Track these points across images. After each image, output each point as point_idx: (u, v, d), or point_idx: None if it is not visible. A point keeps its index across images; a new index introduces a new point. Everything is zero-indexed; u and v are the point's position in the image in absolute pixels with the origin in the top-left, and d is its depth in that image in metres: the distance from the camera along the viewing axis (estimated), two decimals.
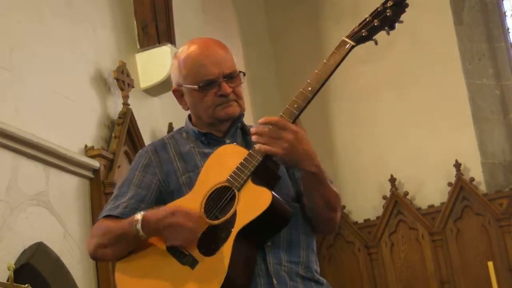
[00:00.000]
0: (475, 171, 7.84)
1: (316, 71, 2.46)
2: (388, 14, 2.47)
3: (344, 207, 8.11)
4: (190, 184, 2.52)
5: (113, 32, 6.49)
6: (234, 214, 2.39)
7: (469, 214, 7.72)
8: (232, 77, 2.59)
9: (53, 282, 5.28)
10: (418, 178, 7.95)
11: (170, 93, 7.49)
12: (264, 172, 2.43)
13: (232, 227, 2.37)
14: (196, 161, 2.57)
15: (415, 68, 8.03)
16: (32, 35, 5.52)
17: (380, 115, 8.20)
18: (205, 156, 2.56)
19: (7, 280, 4.49)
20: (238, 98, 2.61)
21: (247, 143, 2.59)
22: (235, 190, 2.41)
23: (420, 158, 7.93)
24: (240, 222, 2.37)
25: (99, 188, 5.65)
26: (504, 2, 8.60)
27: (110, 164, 5.83)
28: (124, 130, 6.05)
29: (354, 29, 2.47)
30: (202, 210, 2.44)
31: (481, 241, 7.62)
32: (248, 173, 2.41)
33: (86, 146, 5.76)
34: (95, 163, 5.69)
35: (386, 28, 2.47)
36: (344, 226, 8.06)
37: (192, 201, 2.46)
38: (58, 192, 5.36)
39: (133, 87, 6.38)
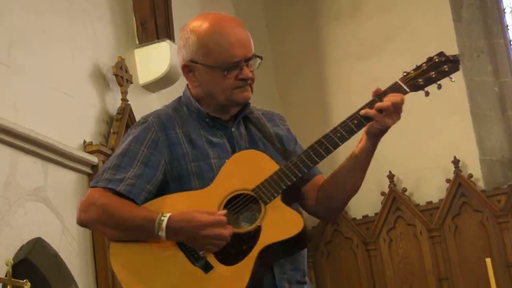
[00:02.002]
0: (474, 168, 7.84)
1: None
2: (446, 70, 2.51)
3: None
4: (199, 174, 2.46)
5: (112, 27, 6.49)
6: (259, 229, 2.36)
7: (468, 211, 7.73)
8: (252, 60, 2.54)
9: (51, 278, 5.28)
10: (416, 175, 7.95)
11: (169, 89, 7.47)
12: (293, 189, 2.42)
13: (255, 241, 2.34)
14: (206, 150, 2.50)
15: (414, 65, 8.02)
16: (31, 30, 5.51)
17: None
18: (213, 146, 2.51)
19: (6, 276, 4.50)
20: (253, 82, 2.56)
21: (249, 133, 2.57)
22: (262, 203, 2.38)
23: (419, 154, 7.93)
24: (266, 239, 2.34)
25: None
26: None
27: None
28: (122, 126, 6.05)
29: (409, 74, 2.51)
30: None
31: (479, 238, 7.63)
32: (280, 190, 2.38)
33: (84, 141, 5.76)
34: (94, 159, 5.69)
35: (438, 82, 2.51)
36: (342, 223, 8.07)
37: (208, 199, 2.41)
38: (56, 188, 5.36)
39: (131, 83, 6.38)
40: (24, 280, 4.56)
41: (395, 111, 2.44)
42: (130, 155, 2.49)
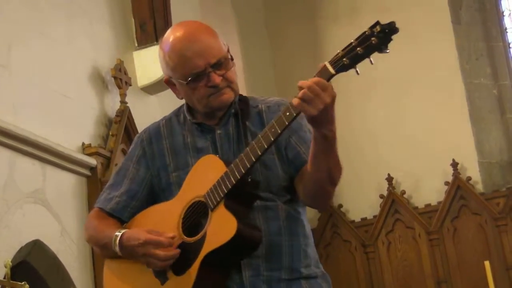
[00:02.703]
0: (472, 170, 7.84)
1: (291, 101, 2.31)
2: (373, 42, 2.25)
3: (341, 205, 8.12)
4: (179, 184, 2.52)
5: (111, 29, 6.49)
6: (204, 236, 2.38)
7: (466, 213, 7.73)
8: (220, 64, 2.51)
9: (49, 280, 5.27)
10: (415, 177, 7.95)
11: (168, 91, 7.47)
12: (240, 193, 2.39)
13: (200, 249, 2.37)
14: (187, 158, 2.55)
15: (413, 67, 8.03)
16: (30, 32, 5.51)
17: (377, 114, 8.20)
18: (198, 152, 2.54)
19: (4, 278, 4.50)
20: (230, 83, 2.54)
21: (239, 131, 2.55)
22: (209, 210, 2.40)
23: (418, 157, 7.93)
24: (207, 247, 2.36)
25: (96, 186, 5.64)
26: (502, 1, 8.60)
27: (107, 162, 5.83)
28: (121, 128, 6.04)
29: (338, 54, 2.28)
30: (180, 223, 2.45)
31: (478, 241, 7.63)
32: (222, 195, 2.38)
33: (83, 143, 5.76)
34: (92, 161, 5.69)
35: (370, 57, 2.28)
36: (341, 225, 8.07)
37: (173, 211, 2.48)
38: (55, 190, 5.36)
39: (130, 85, 6.37)
40: (23, 282, 4.55)
41: (315, 97, 2.23)
42: (122, 172, 2.66)
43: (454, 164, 7.76)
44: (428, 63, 7.98)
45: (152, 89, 6.72)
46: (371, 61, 2.26)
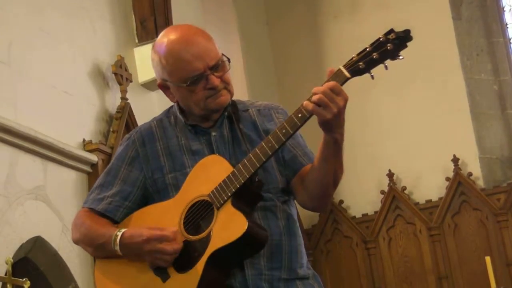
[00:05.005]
0: (473, 166, 7.85)
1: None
2: (388, 48, 2.31)
3: (342, 201, 8.12)
4: (176, 185, 2.50)
5: (111, 26, 6.49)
6: (210, 234, 2.37)
7: (467, 209, 7.74)
8: (217, 66, 2.51)
9: (50, 276, 5.28)
10: (416, 173, 7.96)
11: None
12: (246, 192, 2.40)
13: (206, 247, 2.36)
14: (183, 160, 2.54)
15: (413, 63, 8.02)
16: (31, 29, 5.51)
17: (378, 110, 8.20)
18: (193, 154, 2.54)
19: (5, 274, 4.50)
20: (227, 84, 2.54)
21: (233, 134, 2.56)
22: (215, 208, 2.39)
23: (418, 153, 7.94)
24: (213, 245, 2.35)
25: None
26: None
27: (108, 159, 5.82)
28: (122, 125, 6.05)
29: (352, 59, 2.34)
30: (182, 222, 2.43)
31: (478, 236, 7.64)
32: (229, 194, 2.38)
33: (84, 140, 5.76)
34: (93, 157, 5.69)
35: (385, 62, 2.33)
36: (342, 221, 8.08)
37: (173, 210, 2.46)
38: (56, 186, 5.36)
39: (131, 81, 6.37)
40: (24, 279, 4.56)
41: (330, 101, 2.30)
42: (113, 173, 2.62)
43: (455, 160, 7.77)
44: (429, 59, 7.98)
45: (152, 85, 6.71)
46: (386, 66, 2.33)
